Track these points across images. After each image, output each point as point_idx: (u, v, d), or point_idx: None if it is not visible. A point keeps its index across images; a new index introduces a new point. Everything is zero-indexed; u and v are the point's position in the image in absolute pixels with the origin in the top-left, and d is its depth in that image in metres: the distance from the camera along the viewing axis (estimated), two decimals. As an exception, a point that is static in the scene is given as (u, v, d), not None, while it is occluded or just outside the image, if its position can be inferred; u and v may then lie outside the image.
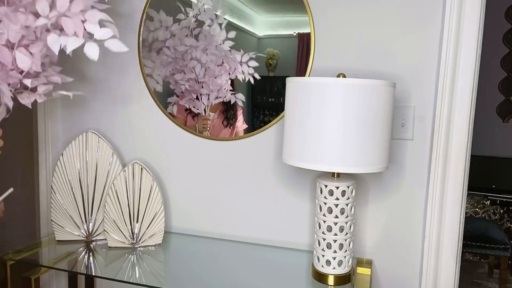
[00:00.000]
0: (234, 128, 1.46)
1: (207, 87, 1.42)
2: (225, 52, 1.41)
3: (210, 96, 1.44)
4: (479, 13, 1.18)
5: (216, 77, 1.43)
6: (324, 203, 1.15)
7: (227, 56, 1.41)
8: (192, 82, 1.46)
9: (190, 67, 1.45)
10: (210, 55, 1.42)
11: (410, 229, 1.33)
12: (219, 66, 1.42)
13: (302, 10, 1.34)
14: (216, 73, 1.43)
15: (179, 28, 1.45)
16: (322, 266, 1.17)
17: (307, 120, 1.06)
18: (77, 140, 1.48)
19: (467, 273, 3.24)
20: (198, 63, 1.43)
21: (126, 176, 1.43)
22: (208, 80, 1.43)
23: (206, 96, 1.45)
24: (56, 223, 1.47)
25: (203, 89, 1.44)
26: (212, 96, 1.44)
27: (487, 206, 3.47)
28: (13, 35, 1.07)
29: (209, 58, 1.43)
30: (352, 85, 1.02)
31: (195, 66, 1.44)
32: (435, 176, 1.27)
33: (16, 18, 1.06)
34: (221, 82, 1.43)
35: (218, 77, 1.43)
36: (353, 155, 1.03)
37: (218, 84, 1.43)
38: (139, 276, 1.21)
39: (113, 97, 1.60)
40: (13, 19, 1.05)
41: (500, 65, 3.43)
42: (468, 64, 1.20)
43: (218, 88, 1.43)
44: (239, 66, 1.41)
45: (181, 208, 1.57)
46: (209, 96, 1.45)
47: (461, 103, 1.22)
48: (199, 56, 1.44)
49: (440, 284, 1.29)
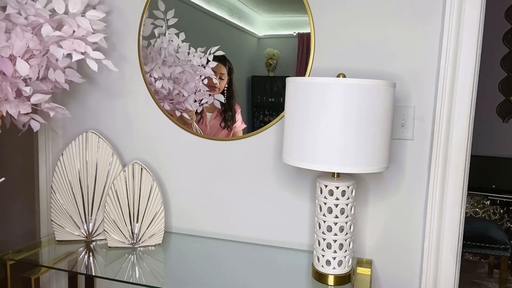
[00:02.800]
0: (232, 129, 1.46)
1: (183, 92, 1.45)
2: (183, 59, 1.44)
3: (188, 99, 1.46)
4: (479, 13, 1.19)
5: (188, 82, 1.45)
6: (324, 203, 1.15)
7: (187, 63, 1.44)
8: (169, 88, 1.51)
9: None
10: (172, 68, 1.46)
11: (410, 229, 1.33)
12: (181, 73, 1.46)
13: (302, 10, 1.34)
14: (186, 79, 1.45)
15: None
16: (322, 266, 1.18)
17: (307, 120, 1.06)
18: (77, 140, 1.48)
19: (467, 273, 3.24)
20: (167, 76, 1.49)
21: (126, 176, 1.43)
22: (182, 86, 1.46)
23: (186, 100, 1.47)
24: (56, 223, 1.47)
25: (180, 97, 1.46)
26: (191, 99, 1.46)
27: (487, 206, 3.47)
28: (17, 50, 1.19)
29: (170, 70, 1.46)
30: (352, 85, 1.02)
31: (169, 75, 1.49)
32: (435, 176, 1.27)
33: (22, 36, 1.19)
34: (195, 85, 1.44)
35: (191, 81, 1.45)
36: (353, 155, 1.03)
37: (192, 87, 1.44)
38: (139, 276, 1.21)
39: (113, 97, 1.60)
40: (19, 36, 1.18)
41: (500, 65, 3.43)
42: (468, 64, 1.20)
43: (193, 91, 1.44)
44: (203, 69, 1.42)
45: (181, 208, 1.57)
46: (188, 100, 1.46)
47: (461, 103, 1.22)
48: (164, 72, 1.48)
49: (440, 284, 1.29)
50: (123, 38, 1.55)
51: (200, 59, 1.44)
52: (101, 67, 1.60)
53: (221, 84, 1.44)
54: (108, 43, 1.56)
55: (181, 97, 1.46)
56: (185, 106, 1.48)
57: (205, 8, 1.44)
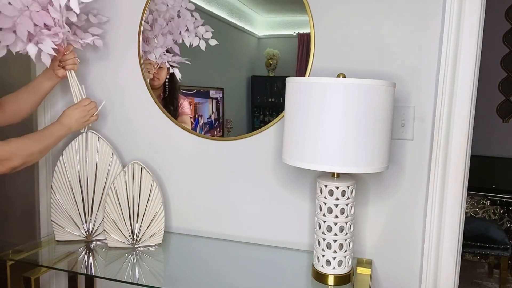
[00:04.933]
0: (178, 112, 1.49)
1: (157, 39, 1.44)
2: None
3: (155, 51, 1.46)
4: (479, 13, 1.18)
5: (163, 34, 1.44)
6: (324, 203, 1.15)
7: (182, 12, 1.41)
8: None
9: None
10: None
11: (410, 229, 1.33)
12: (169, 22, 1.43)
13: (302, 10, 1.34)
14: (163, 30, 1.44)
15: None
16: (322, 266, 1.17)
17: (307, 120, 1.06)
18: (77, 140, 1.48)
19: (467, 273, 3.24)
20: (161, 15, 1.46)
21: (126, 176, 1.43)
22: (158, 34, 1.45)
23: (155, 50, 1.47)
24: (56, 223, 1.47)
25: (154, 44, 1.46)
26: (158, 52, 1.46)
27: (487, 206, 3.47)
28: None
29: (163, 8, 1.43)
30: (352, 85, 1.02)
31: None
32: (435, 176, 1.27)
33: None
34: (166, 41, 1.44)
35: (166, 35, 1.44)
36: (353, 155, 1.03)
37: (162, 42, 1.44)
38: (139, 276, 1.21)
39: (112, 97, 1.60)
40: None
41: (500, 65, 3.43)
42: (468, 64, 1.20)
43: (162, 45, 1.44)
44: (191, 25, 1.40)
45: (181, 208, 1.57)
46: (155, 51, 1.46)
47: (461, 103, 1.22)
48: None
49: (440, 284, 1.29)
50: (123, 39, 1.55)
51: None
52: (100, 64, 1.60)
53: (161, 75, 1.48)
54: (107, 43, 1.56)
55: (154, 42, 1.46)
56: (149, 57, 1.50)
57: (205, 9, 1.43)
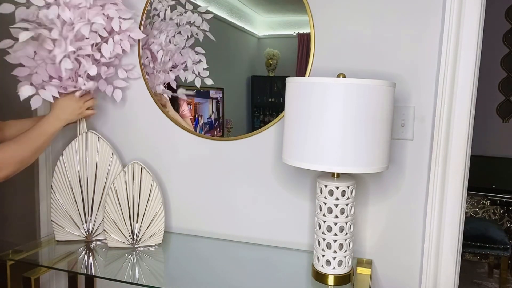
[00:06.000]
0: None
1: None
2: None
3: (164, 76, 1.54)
4: (479, 13, 1.18)
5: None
6: (324, 203, 1.15)
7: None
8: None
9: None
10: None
11: (410, 229, 1.33)
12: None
13: (302, 10, 1.34)
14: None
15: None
16: (322, 266, 1.17)
17: (307, 120, 1.06)
18: (77, 140, 1.48)
19: (467, 273, 3.24)
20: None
21: (126, 176, 1.43)
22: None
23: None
24: (56, 223, 1.47)
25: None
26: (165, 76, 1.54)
27: (487, 206, 3.47)
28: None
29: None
30: (352, 85, 1.02)
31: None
32: (435, 176, 1.27)
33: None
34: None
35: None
36: (353, 155, 1.03)
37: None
38: (139, 276, 1.21)
39: (112, 97, 1.60)
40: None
41: (500, 65, 3.43)
42: (468, 64, 1.20)
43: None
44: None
45: (181, 208, 1.57)
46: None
47: (461, 103, 1.22)
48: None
49: (440, 284, 1.29)
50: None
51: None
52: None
53: None
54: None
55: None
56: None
57: (209, 10, 1.43)
